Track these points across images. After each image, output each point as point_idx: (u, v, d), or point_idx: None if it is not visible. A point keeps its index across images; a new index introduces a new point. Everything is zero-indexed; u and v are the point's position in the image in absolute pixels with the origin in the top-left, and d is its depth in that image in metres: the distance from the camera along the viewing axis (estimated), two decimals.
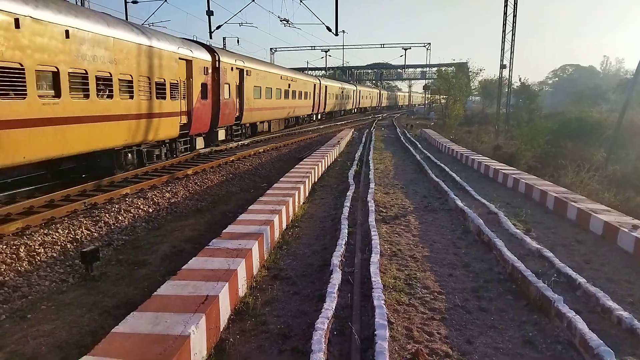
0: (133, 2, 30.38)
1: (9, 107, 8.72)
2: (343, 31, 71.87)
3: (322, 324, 4.51)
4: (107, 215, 9.67)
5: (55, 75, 9.89)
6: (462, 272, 6.48)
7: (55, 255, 7.64)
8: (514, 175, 12.98)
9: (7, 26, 8.56)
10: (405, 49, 68.78)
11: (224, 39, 48.82)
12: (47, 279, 6.81)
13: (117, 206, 10.32)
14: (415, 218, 9.37)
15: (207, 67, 17.67)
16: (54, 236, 8.24)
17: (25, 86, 9.05)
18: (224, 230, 6.92)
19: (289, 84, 30.67)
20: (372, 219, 8.72)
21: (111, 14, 13.05)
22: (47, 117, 9.71)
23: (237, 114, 21.77)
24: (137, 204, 10.76)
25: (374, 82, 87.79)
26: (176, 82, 15.36)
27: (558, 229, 8.70)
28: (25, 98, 9.09)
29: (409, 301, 5.49)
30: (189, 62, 16.22)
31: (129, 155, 13.64)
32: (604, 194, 13.96)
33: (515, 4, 31.75)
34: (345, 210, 9.27)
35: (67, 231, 8.56)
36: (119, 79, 12.13)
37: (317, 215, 9.66)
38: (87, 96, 10.93)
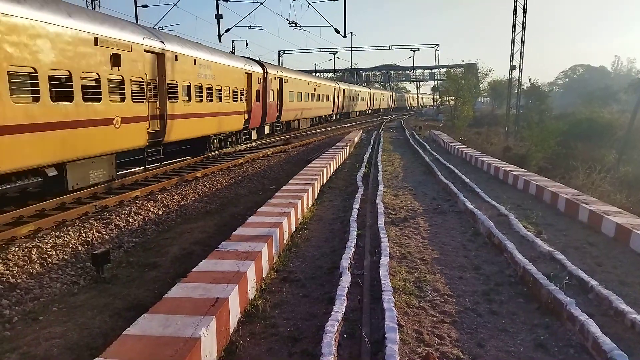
0: (143, 7, 30.67)
1: (172, 107, 14.53)
2: (351, 33, 71.67)
3: (332, 327, 4.50)
4: (117, 217, 9.74)
5: (189, 87, 15.72)
6: (472, 274, 6.44)
7: (66, 257, 7.71)
8: (524, 177, 12.88)
9: (172, 59, 14.37)
10: (414, 51, 68.57)
11: (233, 42, 48.87)
12: (58, 281, 6.87)
13: (127, 209, 10.39)
14: (425, 220, 9.33)
15: (260, 78, 23.45)
16: (66, 238, 8.32)
17: (177, 94, 14.86)
18: (233, 233, 6.94)
19: (314, 89, 36.27)
20: (381, 221, 8.70)
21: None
22: (185, 113, 15.50)
23: (278, 114, 27.44)
24: (147, 206, 10.83)
25: (382, 83, 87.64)
26: (242, 89, 21.00)
27: (569, 231, 8.61)
28: (177, 101, 14.84)
29: (419, 304, 5.46)
30: (249, 75, 21.86)
31: (215, 141, 19.19)
32: (616, 195, 13.81)
33: (525, 4, 31.56)
34: (354, 213, 9.25)
35: (78, 234, 8.64)
36: (216, 89, 17.90)
37: (325, 217, 9.66)
38: (201, 100, 16.72)
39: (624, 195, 14.00)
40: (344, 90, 46.58)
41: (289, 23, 31.20)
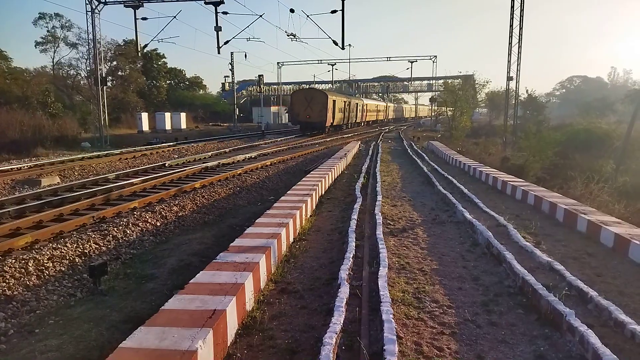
0: (143, 19, 30.87)
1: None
2: (349, 45, 72.32)
3: (330, 339, 4.47)
4: (115, 229, 9.72)
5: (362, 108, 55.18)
6: (471, 285, 6.41)
7: (63, 269, 7.67)
8: (522, 187, 12.89)
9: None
10: (412, 62, 69.00)
11: (232, 53, 49.22)
12: (55, 293, 6.84)
13: (125, 220, 10.37)
14: (423, 231, 9.31)
15: None
16: (63, 250, 8.29)
17: (356, 113, 53.62)
18: (231, 244, 6.91)
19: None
20: (379, 231, 8.67)
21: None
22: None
23: None
24: (145, 217, 10.81)
25: (380, 94, 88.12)
26: None
27: (568, 242, 8.59)
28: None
29: (418, 315, 5.43)
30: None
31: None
32: (614, 205, 13.82)
33: (521, 17, 31.88)
34: (353, 223, 9.23)
35: (75, 245, 8.61)
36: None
37: (324, 228, 9.64)
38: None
39: (622, 205, 13.99)
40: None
41: (288, 35, 31.52)
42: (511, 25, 32.46)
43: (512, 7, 31.96)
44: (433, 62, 70.91)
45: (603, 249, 8.11)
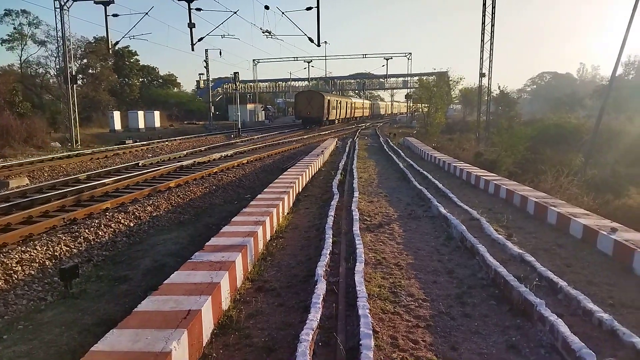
0: (114, 15, 30.13)
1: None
2: (325, 42, 72.29)
3: (307, 336, 4.47)
4: (86, 230, 9.50)
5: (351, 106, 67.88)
6: (446, 278, 6.50)
7: (33, 273, 7.46)
8: (495, 182, 13.14)
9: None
10: (387, 59, 69.55)
11: (206, 51, 48.58)
12: (24, 297, 6.64)
13: (97, 221, 10.15)
14: (399, 226, 9.41)
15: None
16: (32, 253, 8.06)
17: (346, 110, 64.40)
18: (207, 243, 6.84)
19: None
20: (356, 227, 8.72)
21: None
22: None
23: None
24: (118, 218, 10.60)
25: (356, 92, 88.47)
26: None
27: (539, 234, 8.80)
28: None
29: (393, 309, 5.48)
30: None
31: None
32: (583, 198, 14.24)
33: (493, 14, 32.43)
34: (330, 220, 9.25)
35: (45, 248, 8.38)
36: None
37: (301, 225, 9.63)
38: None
39: (590, 198, 14.43)
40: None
41: (263, 32, 31.27)
42: (483, 23, 33.01)
43: (484, 4, 32.51)
44: (408, 59, 71.65)
45: (572, 240, 8.34)
